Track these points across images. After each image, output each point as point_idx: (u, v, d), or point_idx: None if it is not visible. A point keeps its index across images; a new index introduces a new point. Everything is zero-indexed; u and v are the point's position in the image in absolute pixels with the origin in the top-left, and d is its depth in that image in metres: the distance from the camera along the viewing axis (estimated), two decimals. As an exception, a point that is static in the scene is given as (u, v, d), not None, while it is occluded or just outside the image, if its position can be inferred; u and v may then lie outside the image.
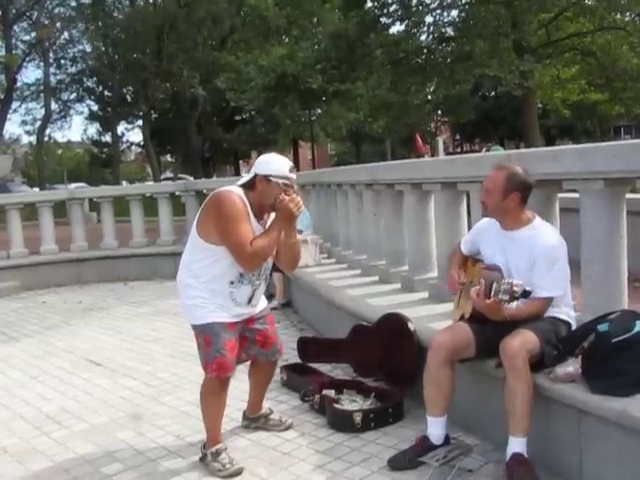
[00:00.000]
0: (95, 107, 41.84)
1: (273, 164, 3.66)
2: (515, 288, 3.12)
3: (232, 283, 3.67)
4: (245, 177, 3.76)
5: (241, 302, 3.74)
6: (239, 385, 4.26)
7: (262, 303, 4.02)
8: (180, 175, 37.28)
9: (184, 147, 38.68)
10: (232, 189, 3.64)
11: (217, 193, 3.65)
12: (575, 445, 3.18)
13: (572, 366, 3.22)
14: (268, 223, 3.71)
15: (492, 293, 3.20)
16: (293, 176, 3.66)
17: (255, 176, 3.65)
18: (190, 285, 3.71)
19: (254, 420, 4.25)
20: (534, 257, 3.40)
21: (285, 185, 3.61)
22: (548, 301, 3.42)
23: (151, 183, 27.75)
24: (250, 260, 3.58)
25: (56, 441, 4.32)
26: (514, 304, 3.20)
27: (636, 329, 3.05)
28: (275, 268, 7.80)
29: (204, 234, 3.64)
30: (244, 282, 3.70)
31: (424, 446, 3.48)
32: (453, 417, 3.63)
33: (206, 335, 3.67)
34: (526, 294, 3.23)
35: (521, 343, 3.21)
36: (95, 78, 39.10)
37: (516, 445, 3.18)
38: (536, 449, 3.33)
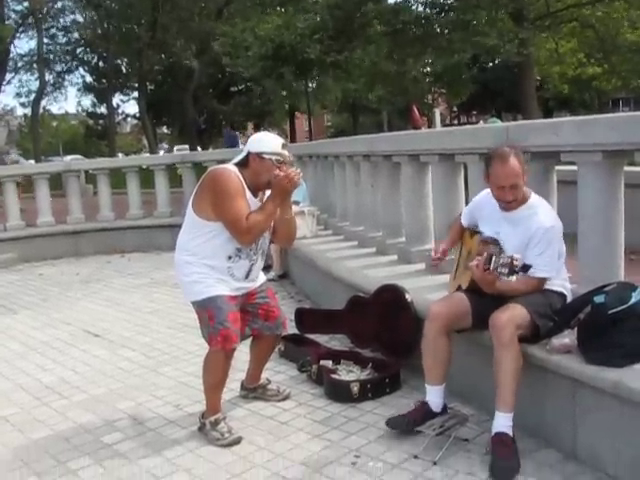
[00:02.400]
0: (89, 78, 41.52)
1: (265, 142, 3.72)
2: (515, 262, 3.11)
3: (230, 258, 3.70)
4: (239, 156, 3.78)
5: (239, 277, 3.77)
6: (237, 356, 4.27)
7: (261, 278, 4.04)
8: (178, 147, 37.03)
9: (180, 119, 38.50)
10: (228, 166, 3.70)
11: (213, 170, 3.71)
12: (570, 416, 3.21)
13: (568, 337, 3.24)
14: (264, 200, 3.74)
15: (491, 266, 3.20)
16: (286, 152, 3.71)
17: (248, 154, 3.70)
18: (188, 262, 3.73)
19: (252, 390, 4.29)
20: (529, 237, 3.41)
21: (278, 162, 3.65)
22: (542, 281, 3.44)
23: (147, 155, 27.62)
24: (246, 234, 3.61)
25: (56, 411, 4.35)
26: (513, 278, 3.20)
27: (632, 301, 3.07)
28: (272, 240, 7.81)
29: (200, 211, 3.67)
30: (242, 257, 3.73)
31: (423, 411, 3.52)
32: (449, 387, 3.66)
33: (208, 309, 3.69)
34: (526, 268, 3.23)
35: (509, 317, 3.22)
36: (89, 49, 38.73)
37: (501, 422, 3.20)
38: (530, 420, 3.38)
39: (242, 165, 3.70)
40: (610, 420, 2.99)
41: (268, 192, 3.73)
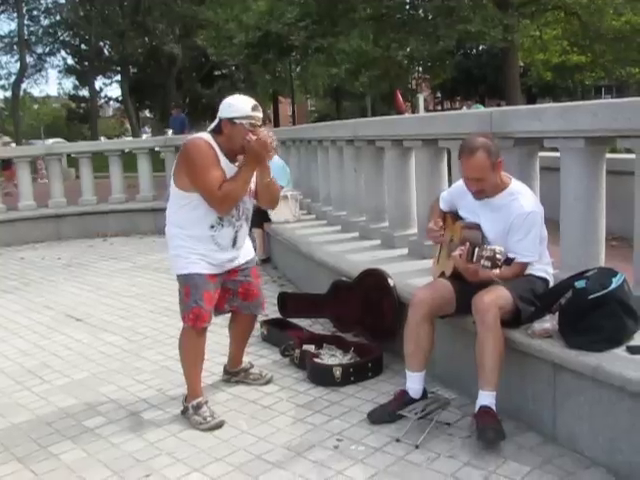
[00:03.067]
0: (71, 61, 41.13)
1: (235, 105, 3.64)
2: (498, 256, 3.10)
3: (212, 227, 3.68)
4: (214, 122, 3.74)
5: (226, 246, 3.75)
6: (219, 340, 4.29)
7: (248, 250, 4.01)
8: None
9: (163, 103, 38.21)
10: (201, 135, 3.68)
11: (186, 141, 3.69)
12: (550, 399, 3.24)
13: (549, 322, 3.27)
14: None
15: (474, 258, 3.20)
16: (258, 114, 3.64)
17: (220, 120, 3.65)
18: (175, 236, 3.74)
19: (234, 374, 4.29)
20: (510, 223, 3.43)
21: (251, 125, 3.59)
22: (525, 266, 3.48)
23: (130, 138, 27.42)
24: (221, 203, 3.59)
25: (38, 395, 4.33)
26: (496, 271, 3.20)
27: (612, 286, 3.10)
28: (255, 223, 7.79)
29: (179, 183, 3.66)
30: (224, 225, 3.71)
31: (403, 400, 3.54)
32: (432, 372, 3.70)
33: (186, 285, 3.71)
34: (508, 262, 3.25)
35: (493, 299, 3.25)
36: (71, 31, 38.30)
37: (484, 398, 3.23)
38: (511, 403, 3.41)
39: (216, 132, 3.67)
40: (589, 403, 3.02)
41: None
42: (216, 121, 3.69)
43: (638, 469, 2.81)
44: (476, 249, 3.21)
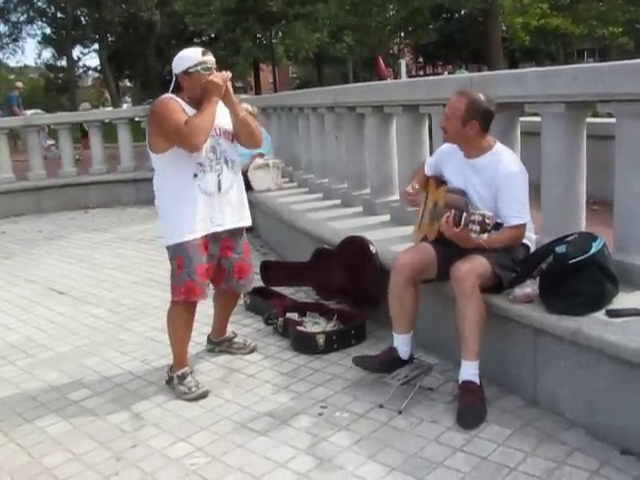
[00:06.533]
0: (48, 30, 40.38)
1: (185, 57, 3.69)
2: (487, 220, 3.05)
3: (195, 176, 3.67)
4: (172, 83, 3.77)
5: (212, 191, 3.73)
6: (204, 309, 4.28)
7: (240, 215, 3.97)
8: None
9: (143, 71, 37.76)
10: (164, 95, 3.73)
11: (151, 104, 3.78)
12: (531, 364, 3.28)
13: (530, 287, 3.28)
14: None
15: (462, 223, 3.14)
16: (209, 58, 3.70)
17: (176, 77, 3.71)
18: (164, 205, 3.75)
19: (218, 344, 4.31)
20: (497, 185, 3.41)
21: (205, 69, 3.64)
22: (521, 228, 3.42)
23: (110, 109, 27.08)
24: (189, 137, 3.56)
25: (22, 369, 4.33)
26: (484, 236, 3.18)
27: (592, 251, 3.11)
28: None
29: (154, 147, 3.69)
30: (205, 170, 3.70)
31: (391, 355, 3.56)
32: (414, 338, 3.70)
33: (178, 257, 3.68)
34: (498, 226, 3.25)
35: (470, 267, 3.24)
36: (46, -2, 37.61)
37: (467, 370, 3.24)
38: (493, 369, 3.44)
39: (176, 90, 3.72)
40: (569, 366, 3.06)
41: None
42: (173, 80, 3.73)
43: (615, 429, 2.86)
44: (464, 214, 3.15)
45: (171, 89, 3.73)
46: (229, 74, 3.74)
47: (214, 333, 4.32)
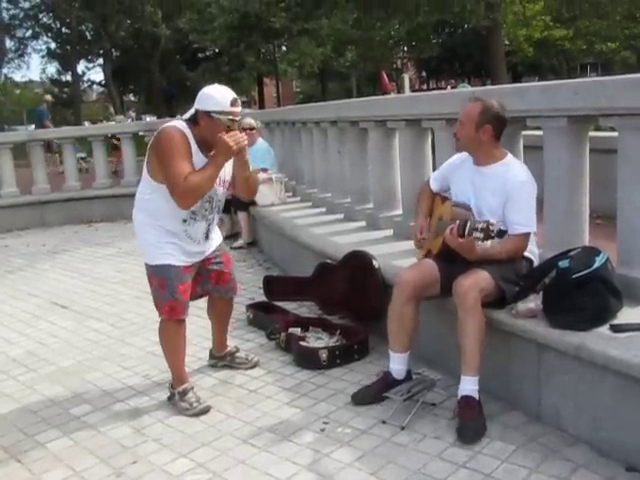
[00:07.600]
0: (53, 45, 40.63)
1: (213, 98, 3.47)
2: (491, 227, 3.04)
3: (185, 221, 3.60)
4: (190, 110, 3.59)
5: (198, 238, 3.69)
6: (205, 324, 4.28)
7: (217, 239, 3.95)
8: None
9: (147, 86, 37.95)
10: (176, 124, 3.52)
11: (160, 129, 3.53)
12: (535, 379, 3.26)
13: (533, 302, 3.27)
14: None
15: (466, 231, 3.13)
16: (237, 109, 3.51)
17: (197, 111, 3.51)
18: (146, 224, 3.65)
19: (220, 358, 4.29)
20: (506, 193, 3.40)
21: (229, 120, 3.47)
22: (526, 237, 3.42)
23: (114, 123, 27.17)
24: (182, 197, 3.41)
25: (24, 384, 4.31)
26: (488, 243, 3.17)
27: (595, 265, 3.10)
28: (240, 207, 7.75)
29: (152, 172, 3.55)
30: (197, 219, 3.64)
31: (386, 381, 3.54)
32: (417, 352, 3.70)
33: (160, 277, 3.63)
34: (501, 234, 3.22)
35: (473, 282, 3.23)
36: (52, 14, 37.80)
37: (467, 386, 3.22)
38: (496, 384, 3.42)
39: (192, 121, 3.52)
40: (572, 382, 3.03)
41: None
42: (192, 110, 3.54)
43: (620, 445, 2.83)
44: (468, 222, 3.15)
45: (187, 117, 3.55)
46: (245, 140, 3.53)
47: (215, 347, 4.30)
